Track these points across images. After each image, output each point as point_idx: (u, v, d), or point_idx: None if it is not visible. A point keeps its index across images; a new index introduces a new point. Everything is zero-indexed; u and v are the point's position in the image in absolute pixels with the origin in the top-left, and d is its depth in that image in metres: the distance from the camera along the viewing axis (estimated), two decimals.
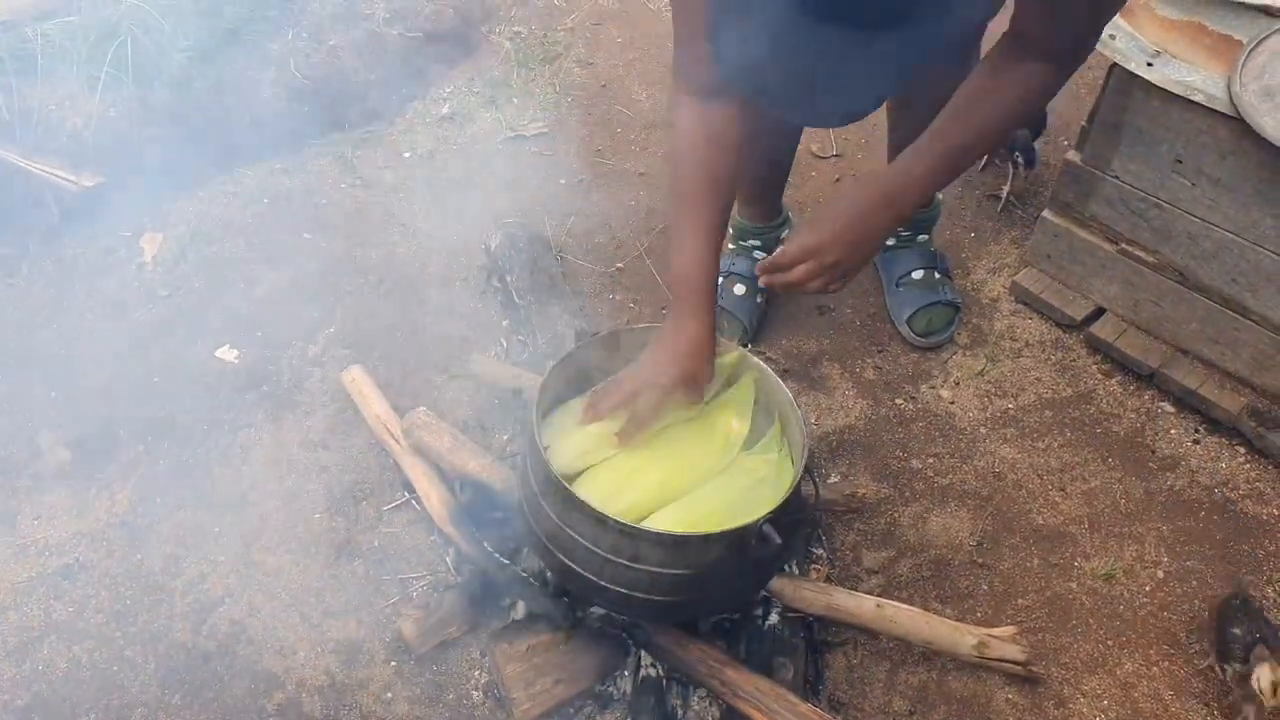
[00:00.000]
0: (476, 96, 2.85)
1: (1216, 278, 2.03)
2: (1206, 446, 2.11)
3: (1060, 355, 2.27)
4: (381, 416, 2.04)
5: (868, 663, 1.80)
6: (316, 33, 2.80)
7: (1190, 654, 1.82)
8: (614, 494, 1.60)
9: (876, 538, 1.97)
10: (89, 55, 2.49)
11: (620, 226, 2.52)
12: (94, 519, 1.97)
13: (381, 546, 1.93)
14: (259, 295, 2.37)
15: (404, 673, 1.77)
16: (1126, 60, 1.89)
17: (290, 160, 2.68)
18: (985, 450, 2.11)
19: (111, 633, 1.82)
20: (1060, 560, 1.95)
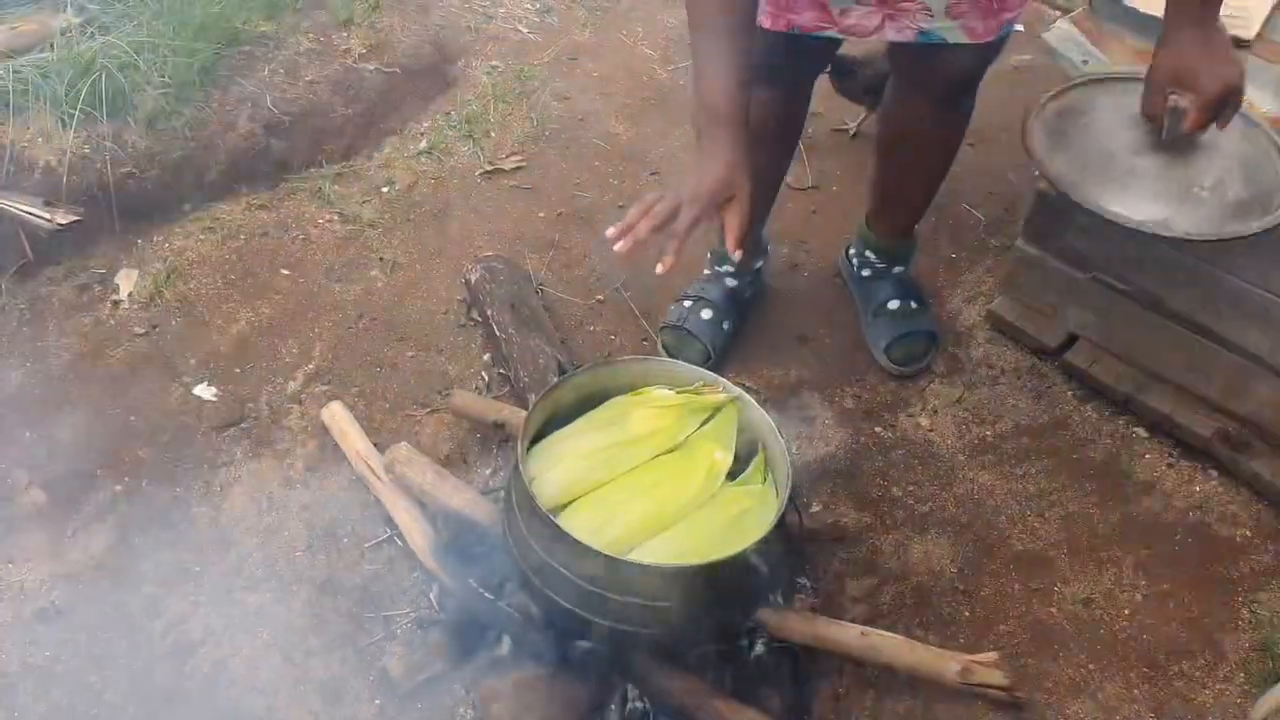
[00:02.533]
0: (454, 131, 2.87)
1: (1188, 305, 2.07)
2: (1180, 471, 2.14)
3: (1036, 382, 2.30)
4: (362, 452, 2.03)
5: (854, 691, 1.80)
6: (293, 68, 2.81)
7: (1170, 676, 1.84)
8: (600, 527, 1.61)
9: (859, 566, 1.98)
10: (63, 92, 2.48)
11: (600, 259, 2.54)
12: (71, 561, 1.94)
13: (364, 583, 1.92)
14: (237, 332, 2.35)
15: (388, 711, 1.76)
16: None
17: (267, 196, 2.67)
18: (964, 477, 2.13)
19: (90, 676, 1.79)
20: (1040, 585, 1.96)
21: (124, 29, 2.60)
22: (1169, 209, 1.70)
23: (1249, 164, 1.76)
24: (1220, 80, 1.61)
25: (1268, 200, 1.71)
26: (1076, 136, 1.80)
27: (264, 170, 2.71)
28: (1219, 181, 1.72)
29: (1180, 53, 1.64)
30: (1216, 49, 1.63)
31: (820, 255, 2.54)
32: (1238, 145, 1.76)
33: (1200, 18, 1.62)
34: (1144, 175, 1.72)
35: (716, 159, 1.55)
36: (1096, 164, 1.75)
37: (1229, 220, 1.69)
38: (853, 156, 2.80)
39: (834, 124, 2.91)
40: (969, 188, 2.70)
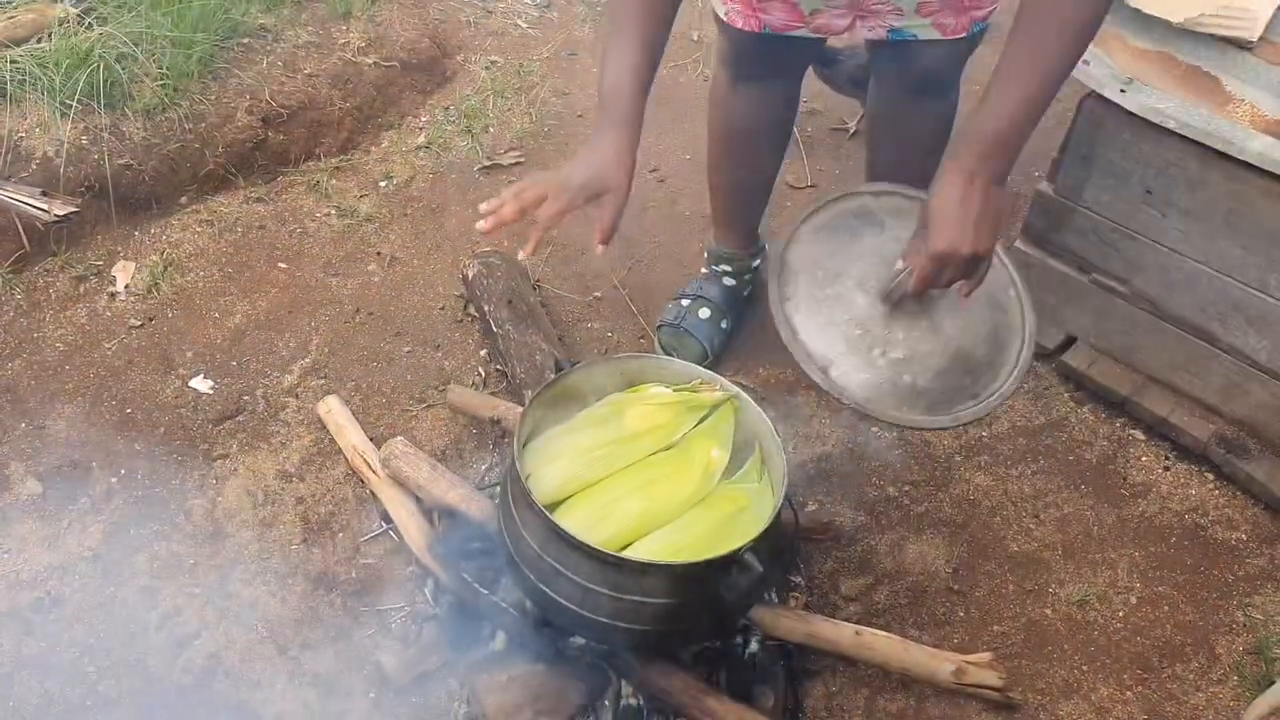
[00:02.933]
0: (452, 125, 2.86)
1: (1186, 308, 2.07)
2: (1176, 473, 2.15)
3: (1033, 384, 2.30)
4: (358, 447, 2.03)
5: (847, 690, 1.81)
6: (291, 61, 2.80)
7: (1164, 678, 1.85)
8: (595, 523, 1.60)
9: (854, 565, 1.98)
10: (60, 83, 2.47)
11: (597, 256, 2.52)
12: (66, 551, 1.94)
13: (359, 578, 1.92)
14: (233, 325, 2.35)
15: (383, 705, 1.75)
16: (1101, 86, 1.93)
17: (264, 189, 2.68)
18: (960, 478, 2.13)
19: (85, 667, 1.79)
20: (1035, 586, 1.97)
21: (122, 20, 2.59)
22: (886, 373, 1.51)
23: (977, 340, 1.57)
24: (946, 243, 1.40)
25: (982, 377, 1.54)
26: (828, 266, 1.58)
27: (261, 163, 2.71)
28: (926, 357, 1.52)
29: (938, 197, 1.42)
30: (968, 208, 1.39)
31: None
32: (980, 314, 1.56)
33: (971, 170, 1.40)
34: (872, 332, 1.52)
35: (597, 154, 1.54)
36: (831, 309, 1.55)
37: (916, 401, 1.50)
38: (852, 155, 2.80)
39: (833, 122, 2.92)
40: None
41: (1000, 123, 1.40)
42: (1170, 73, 1.97)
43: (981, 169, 1.40)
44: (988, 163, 1.40)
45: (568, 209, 1.53)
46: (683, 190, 2.72)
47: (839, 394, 1.48)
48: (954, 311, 1.54)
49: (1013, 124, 1.40)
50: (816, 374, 1.49)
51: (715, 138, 2.17)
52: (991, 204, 1.41)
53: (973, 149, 1.41)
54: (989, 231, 1.41)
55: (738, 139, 2.12)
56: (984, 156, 1.40)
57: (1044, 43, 1.38)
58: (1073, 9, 1.36)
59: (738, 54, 2.00)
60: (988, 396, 1.51)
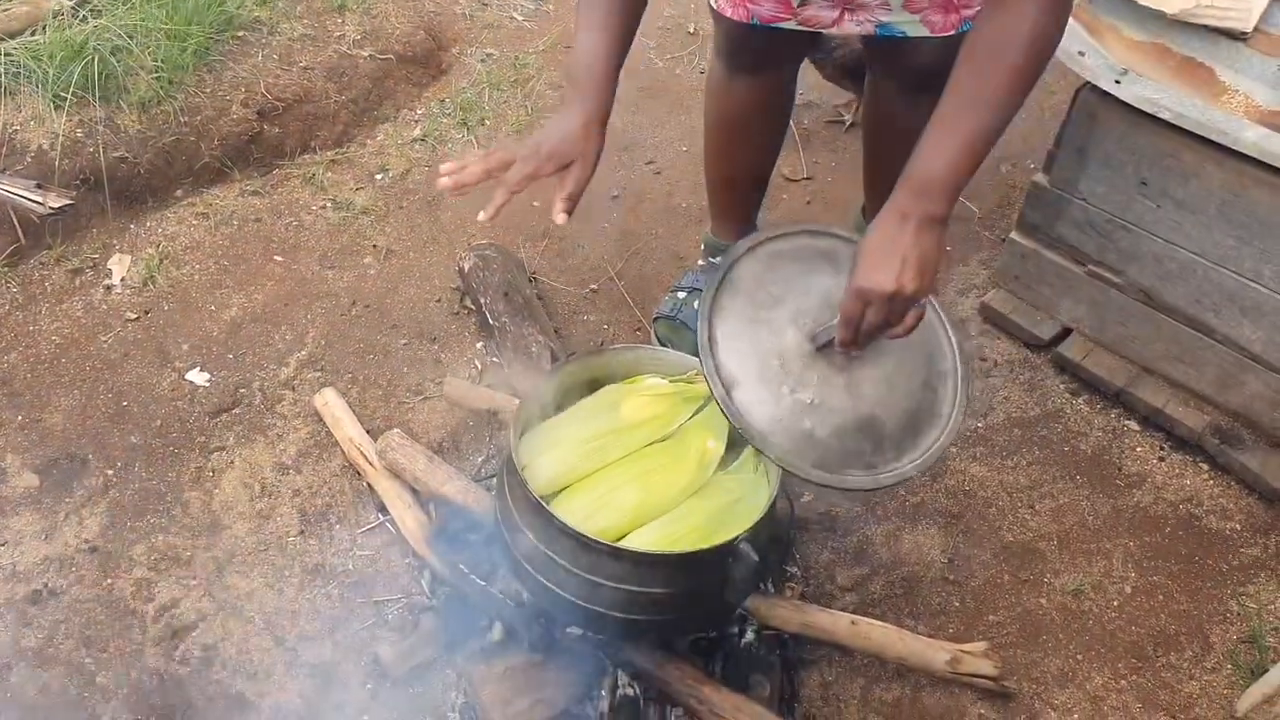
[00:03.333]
0: (448, 118, 2.86)
1: (1181, 298, 2.08)
2: (1171, 464, 2.15)
3: (1028, 375, 2.30)
4: (354, 439, 2.03)
5: (842, 680, 1.81)
6: (287, 54, 2.80)
7: (1158, 667, 1.86)
8: (591, 514, 1.61)
9: (849, 556, 1.99)
10: (55, 76, 2.47)
11: (593, 248, 2.54)
12: (63, 544, 1.95)
13: (356, 569, 1.93)
14: (229, 318, 2.35)
15: (380, 696, 1.76)
16: (1096, 77, 1.93)
17: (260, 182, 2.67)
18: (955, 469, 2.14)
19: (82, 659, 1.79)
20: (1030, 576, 1.97)
21: (116, 12, 2.59)
22: (788, 412, 1.44)
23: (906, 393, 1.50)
24: (868, 281, 1.34)
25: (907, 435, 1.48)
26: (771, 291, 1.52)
27: (257, 156, 2.71)
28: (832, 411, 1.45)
29: (869, 233, 1.38)
30: (895, 247, 1.34)
31: None
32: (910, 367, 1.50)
33: (905, 210, 1.36)
34: (788, 368, 1.45)
35: (566, 123, 1.51)
36: (757, 333, 1.48)
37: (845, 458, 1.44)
38: (848, 148, 2.81)
39: (830, 115, 2.92)
40: None
41: (935, 166, 1.36)
42: (1165, 64, 1.98)
43: (916, 208, 1.36)
44: (922, 202, 1.36)
45: (535, 175, 1.50)
46: (679, 183, 2.72)
47: (734, 417, 1.42)
48: (880, 378, 1.47)
49: (949, 168, 1.36)
50: (719, 389, 1.43)
51: (711, 129, 2.17)
52: (921, 246, 1.35)
53: (908, 187, 1.37)
54: (915, 273, 1.35)
55: (734, 130, 2.12)
56: (919, 196, 1.36)
57: (985, 90, 1.34)
58: (1016, 58, 1.32)
59: (732, 45, 2.00)
60: (883, 473, 1.44)
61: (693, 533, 1.61)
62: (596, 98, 1.52)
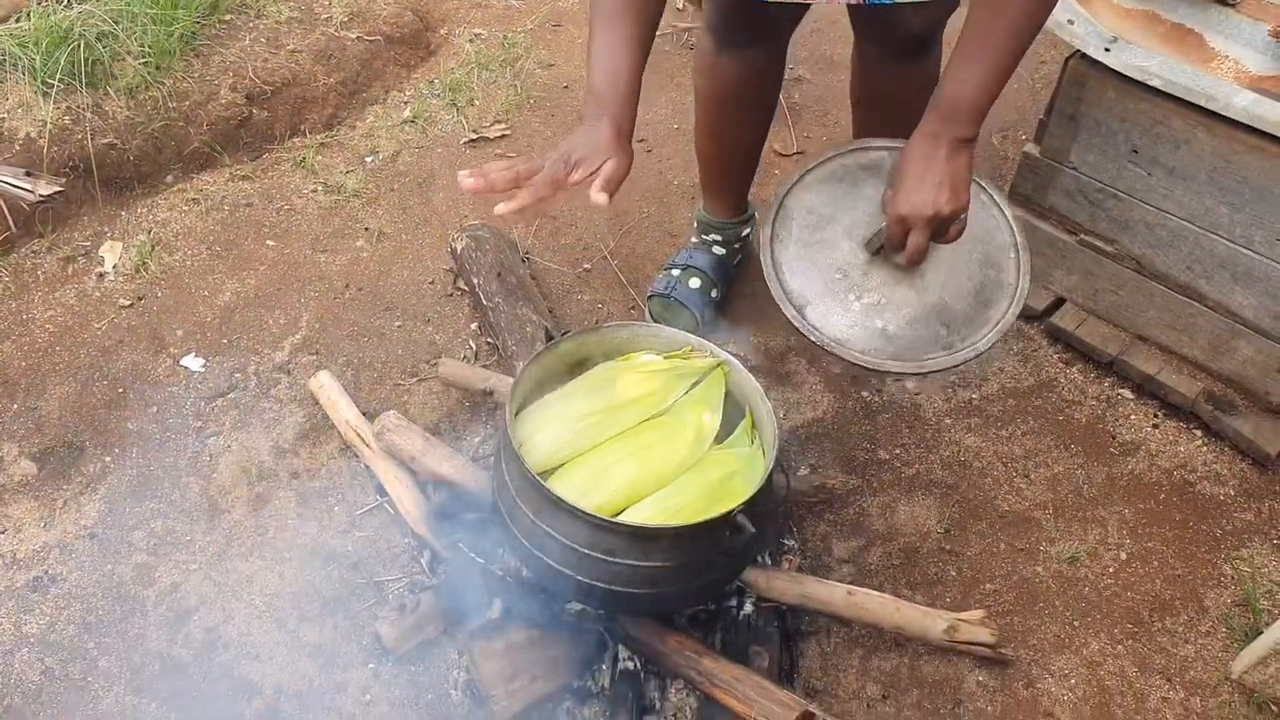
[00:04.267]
0: (437, 99, 2.85)
1: (1173, 266, 2.08)
2: (1165, 431, 2.16)
3: (1022, 345, 2.31)
4: (351, 421, 2.03)
5: (841, 650, 1.83)
6: (274, 37, 2.78)
7: (1153, 632, 1.87)
8: (589, 489, 1.61)
9: (846, 527, 2.00)
10: (41, 63, 2.46)
11: (586, 227, 2.54)
12: (62, 530, 1.95)
13: (356, 550, 1.93)
14: (223, 303, 2.35)
15: (382, 675, 1.77)
16: (1085, 45, 1.93)
17: (250, 166, 2.67)
18: (950, 440, 2.15)
19: (84, 644, 1.80)
20: (1026, 545, 1.99)
21: None
22: (860, 317, 1.53)
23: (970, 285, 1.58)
24: (907, 206, 1.45)
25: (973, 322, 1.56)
26: (822, 212, 1.61)
27: (247, 140, 2.70)
28: (900, 305, 1.54)
29: (903, 159, 1.48)
30: (930, 171, 1.44)
31: None
32: (968, 261, 1.57)
33: (936, 132, 1.44)
34: (850, 277, 1.55)
35: (596, 134, 1.51)
36: (816, 252, 1.57)
37: (915, 347, 1.53)
38: (839, 121, 2.80)
39: (820, 90, 2.91)
40: None
41: (964, 88, 1.42)
42: (1154, 31, 1.97)
43: (945, 132, 1.43)
44: (951, 126, 1.43)
45: (563, 182, 1.49)
46: (671, 160, 2.72)
47: (810, 333, 1.51)
48: (940, 264, 1.56)
49: (977, 89, 1.42)
50: (791, 311, 1.52)
51: (702, 105, 2.16)
52: (954, 167, 1.44)
53: (937, 112, 1.44)
54: (950, 193, 1.44)
55: (724, 106, 2.12)
56: (948, 120, 1.43)
57: (1008, 6, 1.39)
58: None
59: (721, 19, 1.99)
60: (962, 349, 1.53)
61: (689, 506, 1.62)
62: (622, 111, 1.52)
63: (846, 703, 1.76)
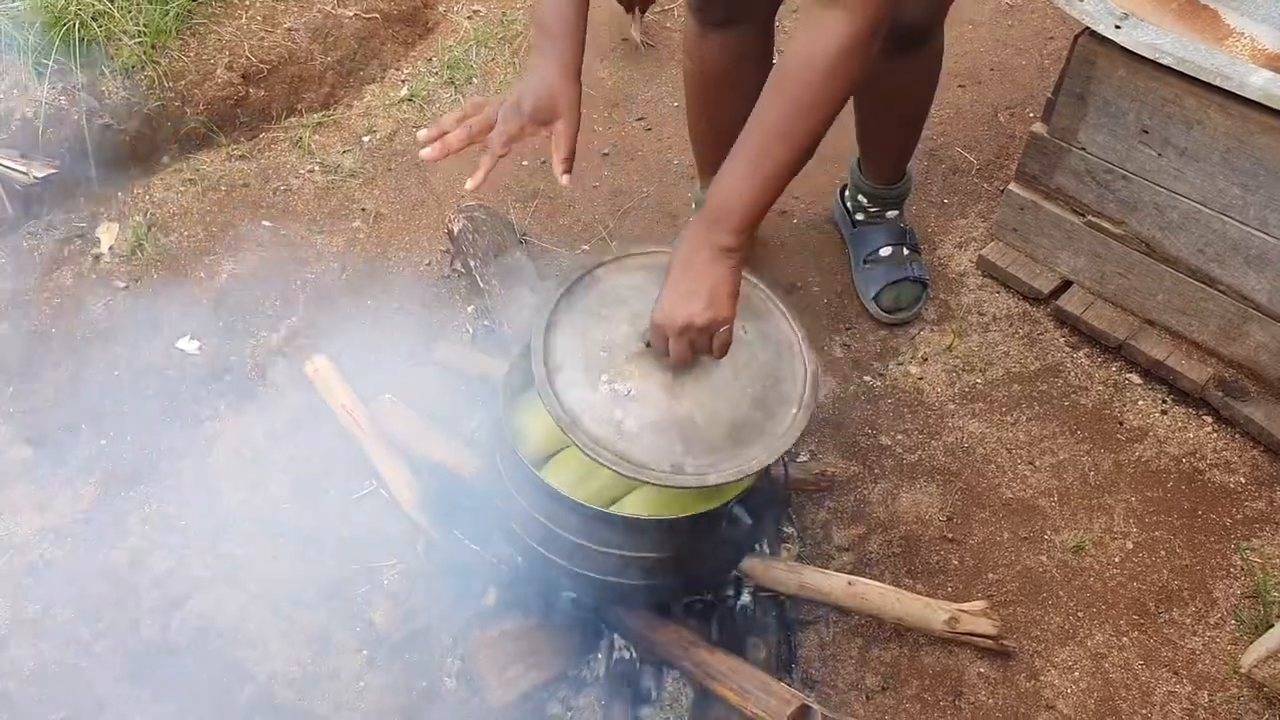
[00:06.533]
0: (435, 78, 2.82)
1: (1183, 248, 2.04)
2: (1174, 417, 2.13)
3: (1028, 329, 2.27)
4: (347, 405, 2.01)
5: (840, 640, 1.80)
6: (270, 15, 2.75)
7: (1160, 623, 1.84)
8: (583, 478, 1.59)
9: (846, 515, 1.97)
10: (35, 43, 2.43)
11: (584, 208, 2.50)
12: (58, 515, 1.94)
13: (351, 536, 1.91)
14: (219, 285, 2.33)
15: (376, 661, 1.76)
16: (1095, 22, 1.88)
17: (247, 146, 2.64)
18: (954, 425, 2.12)
19: (79, 629, 1.79)
20: (1030, 534, 1.96)
21: None
22: (603, 399, 1.44)
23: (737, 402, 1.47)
24: (661, 314, 1.37)
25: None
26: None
27: (243, 120, 2.67)
28: (645, 406, 1.43)
29: (671, 261, 1.40)
30: (686, 277, 1.36)
31: (809, 202, 2.50)
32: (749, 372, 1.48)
33: (700, 237, 1.37)
34: (612, 358, 1.46)
35: (543, 77, 1.47)
36: (593, 326, 1.50)
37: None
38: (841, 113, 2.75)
39: None
40: (960, 130, 2.66)
41: (730, 195, 1.37)
42: (1167, 7, 1.93)
43: (708, 239, 1.37)
44: (714, 234, 1.37)
45: (520, 135, 1.47)
46: (670, 139, 2.68)
47: (546, 398, 1.42)
48: (707, 385, 1.45)
49: (742, 198, 1.37)
50: (540, 370, 1.44)
51: (690, 86, 2.13)
52: (711, 278, 1.36)
53: (703, 218, 1.39)
54: (705, 303, 1.35)
55: (713, 86, 2.09)
56: (711, 227, 1.37)
57: (784, 121, 1.35)
58: (814, 76, 1.33)
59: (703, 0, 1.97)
60: (683, 476, 1.40)
61: (686, 496, 1.59)
62: (569, 43, 1.48)
63: (845, 694, 1.74)
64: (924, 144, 2.29)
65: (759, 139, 1.36)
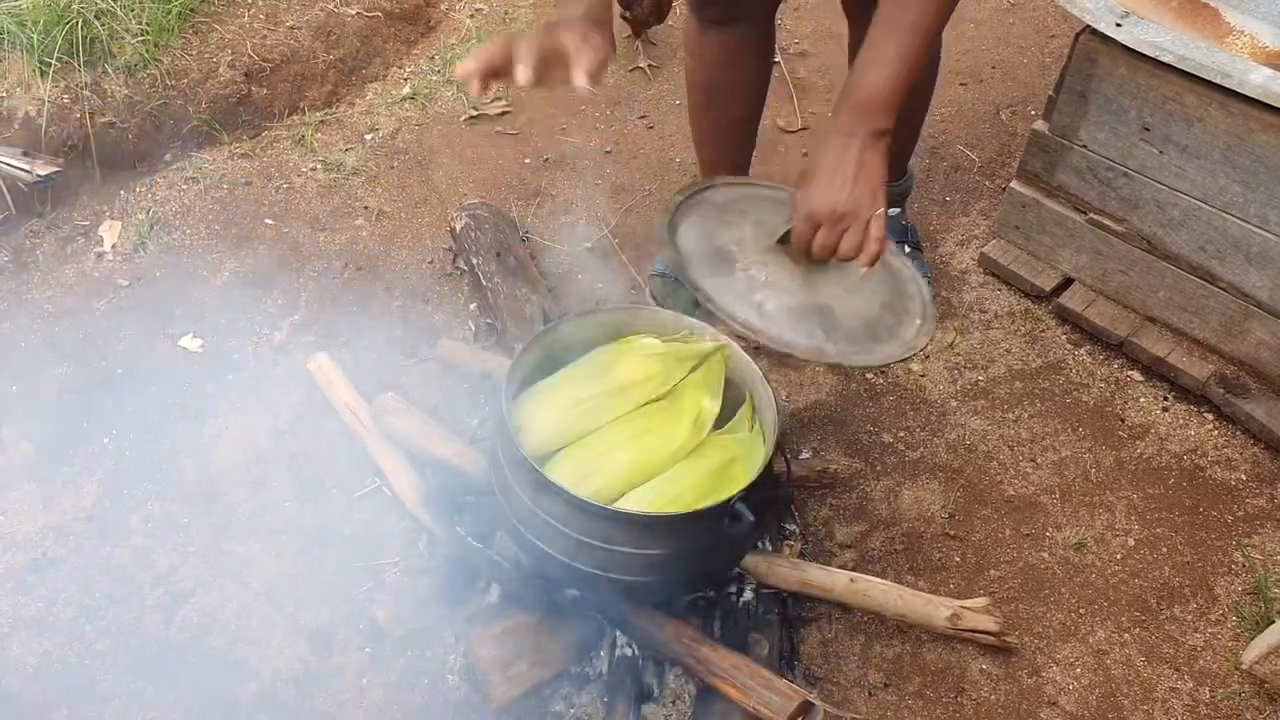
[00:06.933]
0: (437, 75, 2.82)
1: (1184, 246, 2.04)
2: (1175, 414, 2.13)
3: (1029, 326, 2.28)
4: (349, 403, 2.01)
5: (842, 637, 1.80)
6: (273, 13, 2.75)
7: (1162, 620, 1.84)
8: (586, 476, 1.59)
9: (849, 512, 1.97)
10: (39, 41, 2.43)
11: (586, 206, 2.51)
12: (60, 513, 1.94)
13: (353, 533, 1.92)
14: (221, 283, 2.33)
15: (379, 659, 1.76)
16: (1096, 20, 1.89)
17: (249, 144, 2.64)
18: (956, 423, 2.12)
19: (82, 627, 1.79)
20: (1032, 530, 1.96)
21: None
22: (741, 284, 1.49)
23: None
24: (817, 203, 1.40)
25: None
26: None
27: (246, 118, 2.68)
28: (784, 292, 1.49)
29: (816, 157, 1.43)
30: (841, 168, 1.40)
31: None
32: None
33: (850, 128, 1.40)
34: (745, 250, 1.52)
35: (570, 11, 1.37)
36: (718, 227, 1.56)
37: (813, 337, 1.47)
38: None
39: (824, 65, 2.86)
40: (962, 128, 2.67)
41: (877, 78, 1.40)
42: (1167, 5, 1.93)
43: (860, 127, 1.40)
44: (867, 119, 1.40)
45: (554, 46, 1.33)
46: (672, 137, 2.68)
47: (690, 284, 1.46)
48: (841, 279, 1.50)
49: (889, 79, 1.39)
50: (675, 257, 1.49)
51: (692, 85, 2.14)
52: (867, 163, 1.40)
53: (850, 108, 1.41)
54: (865, 192, 1.39)
55: (713, 85, 2.09)
56: (864, 113, 1.40)
57: (910, 8, 1.39)
58: None
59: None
60: (831, 353, 1.45)
61: (688, 493, 1.60)
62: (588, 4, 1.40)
63: (847, 690, 1.74)
64: (925, 142, 2.29)
65: (896, 24, 1.39)
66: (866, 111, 1.40)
